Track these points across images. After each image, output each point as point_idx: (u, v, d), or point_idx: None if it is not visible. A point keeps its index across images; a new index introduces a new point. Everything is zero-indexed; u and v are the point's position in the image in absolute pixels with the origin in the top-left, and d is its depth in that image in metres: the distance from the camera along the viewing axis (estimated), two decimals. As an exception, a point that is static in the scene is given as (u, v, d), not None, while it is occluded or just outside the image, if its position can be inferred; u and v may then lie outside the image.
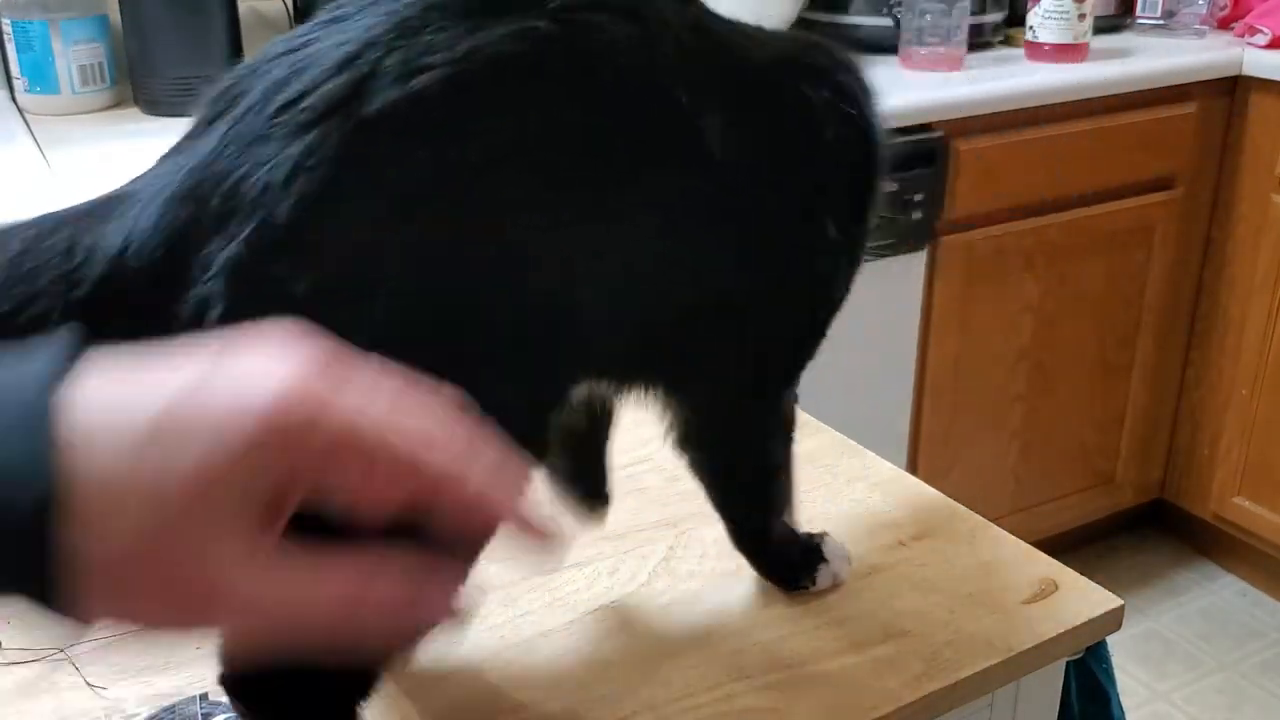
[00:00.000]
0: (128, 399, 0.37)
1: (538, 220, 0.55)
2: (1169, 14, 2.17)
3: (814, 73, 0.69)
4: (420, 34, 0.54)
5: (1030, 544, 0.84)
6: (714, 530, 0.85)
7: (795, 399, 0.76)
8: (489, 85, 0.54)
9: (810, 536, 0.78)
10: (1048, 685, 0.81)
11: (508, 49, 0.54)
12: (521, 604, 0.77)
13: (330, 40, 0.55)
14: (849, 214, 0.71)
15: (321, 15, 0.58)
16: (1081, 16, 1.93)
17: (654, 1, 0.60)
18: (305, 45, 0.55)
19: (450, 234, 0.53)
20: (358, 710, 0.58)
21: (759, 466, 0.75)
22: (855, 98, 0.72)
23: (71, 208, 0.54)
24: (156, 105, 1.63)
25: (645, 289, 0.61)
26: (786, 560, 0.78)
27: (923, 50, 1.90)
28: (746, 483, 0.76)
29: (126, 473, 0.36)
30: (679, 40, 0.61)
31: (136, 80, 1.64)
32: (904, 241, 1.81)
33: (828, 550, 0.78)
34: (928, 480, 0.93)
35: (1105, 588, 0.79)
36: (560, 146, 0.56)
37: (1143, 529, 2.46)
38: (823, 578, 0.77)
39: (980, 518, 0.87)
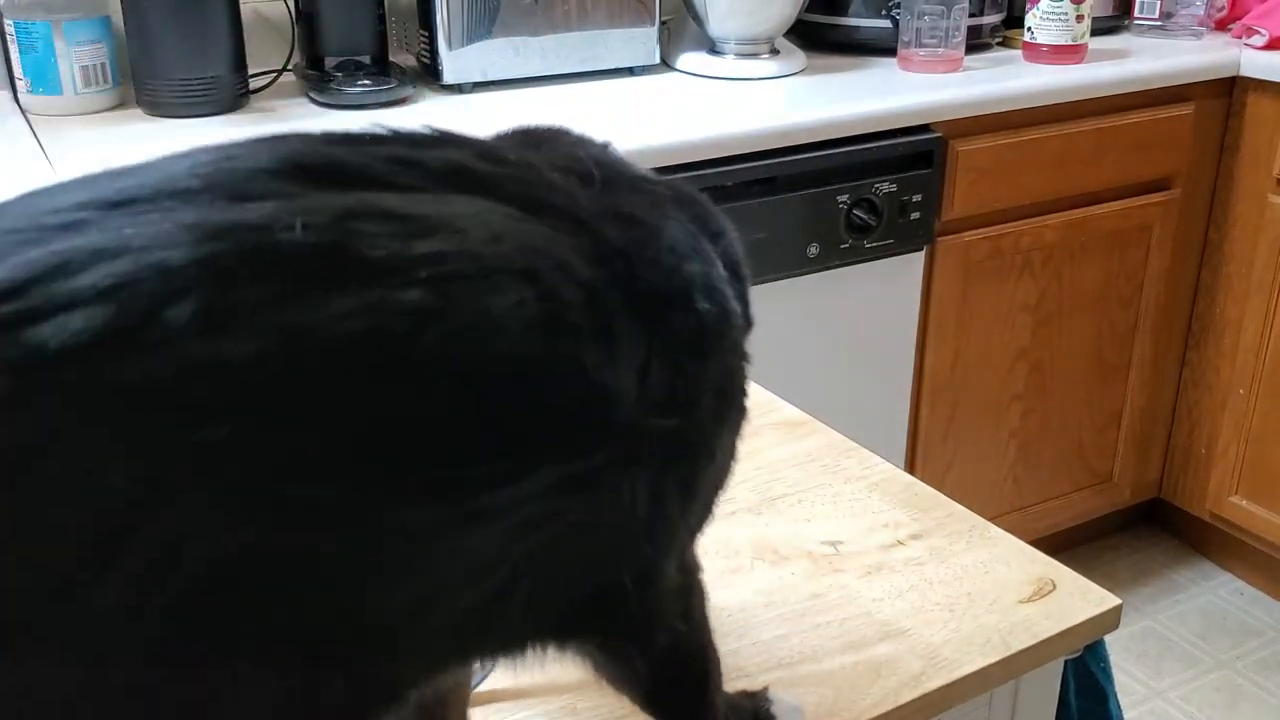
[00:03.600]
0: None
1: (373, 526, 0.43)
2: (1167, 15, 2.17)
3: (717, 278, 0.58)
4: (234, 283, 0.41)
5: (1028, 543, 0.85)
6: (713, 529, 0.86)
7: (699, 567, 0.64)
8: (323, 373, 0.41)
9: (753, 698, 0.70)
10: (1046, 684, 0.82)
11: (357, 328, 0.42)
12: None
13: (99, 237, 0.41)
14: (738, 409, 0.60)
15: (103, 182, 0.44)
16: (1079, 18, 1.94)
17: (554, 250, 0.49)
18: (63, 231, 0.41)
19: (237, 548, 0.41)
20: None
21: (694, 657, 0.64)
22: (739, 291, 0.61)
23: None
24: (159, 107, 1.64)
25: (533, 584, 0.50)
26: None
27: (921, 52, 1.91)
28: (687, 680, 0.64)
29: None
30: (590, 292, 0.49)
31: (139, 81, 1.64)
32: (902, 242, 1.81)
33: (779, 712, 0.69)
34: (926, 480, 0.94)
35: (1103, 587, 0.80)
36: (412, 454, 0.44)
37: (1140, 528, 2.47)
38: None
39: (978, 517, 0.88)
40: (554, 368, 0.47)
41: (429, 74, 1.81)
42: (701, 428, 0.56)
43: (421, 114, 1.69)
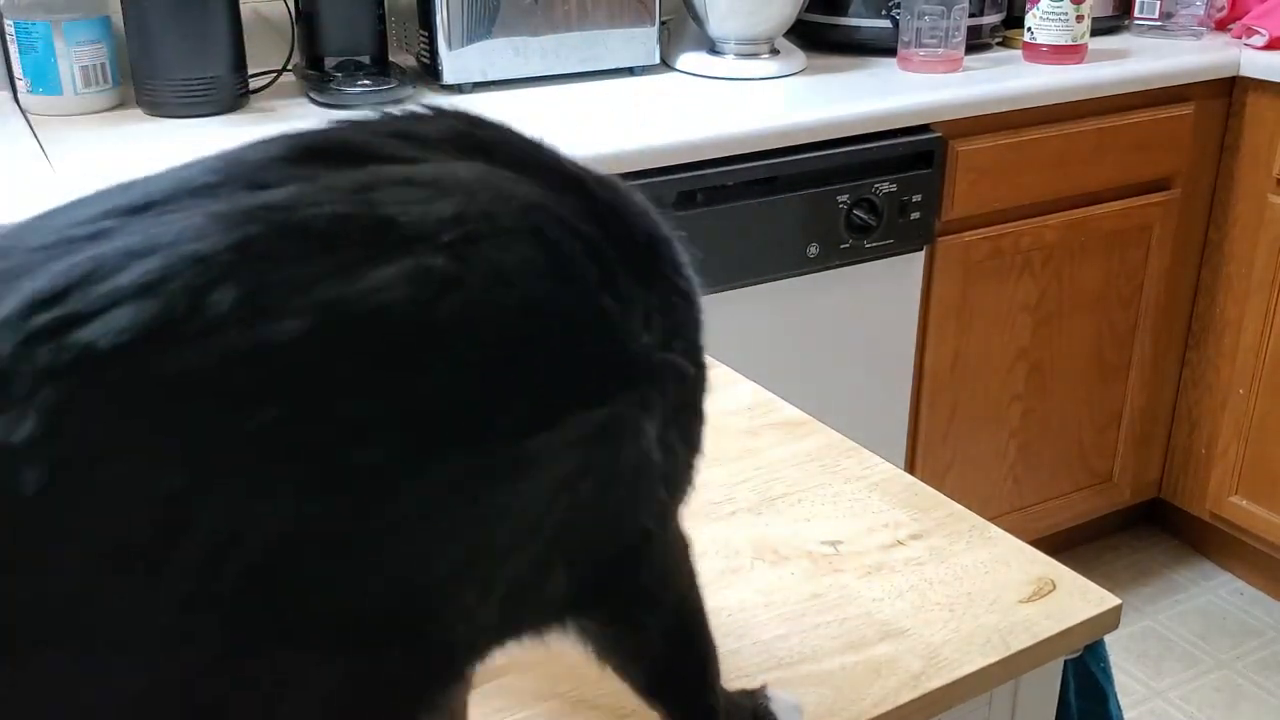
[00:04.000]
0: None
1: (417, 493, 0.44)
2: (1166, 15, 2.17)
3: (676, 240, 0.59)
4: (270, 264, 0.41)
5: (1028, 543, 0.84)
6: (713, 529, 0.86)
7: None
8: (367, 343, 0.42)
9: (751, 697, 0.69)
10: (1046, 684, 0.82)
11: (393, 298, 0.43)
12: (524, 603, 0.77)
13: (128, 239, 0.41)
14: (706, 370, 0.60)
15: (117, 194, 0.44)
16: (1079, 18, 1.94)
17: (553, 208, 0.50)
18: (92, 239, 0.41)
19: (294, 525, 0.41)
20: None
21: (697, 632, 0.64)
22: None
23: None
24: (159, 107, 1.64)
25: (566, 538, 0.51)
26: None
27: (921, 52, 1.91)
28: (689, 659, 0.64)
29: None
30: (590, 244, 0.51)
31: (139, 81, 1.64)
32: (902, 242, 1.81)
33: (778, 710, 0.68)
34: (926, 480, 0.94)
35: (1103, 587, 0.80)
36: (452, 410, 0.45)
37: (1140, 528, 2.47)
38: None
39: (978, 517, 0.88)
40: (572, 314, 0.49)
41: (429, 74, 1.81)
42: (695, 379, 0.57)
43: (421, 114, 1.69)
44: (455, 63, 1.76)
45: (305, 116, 1.66)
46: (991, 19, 2.05)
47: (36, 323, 0.39)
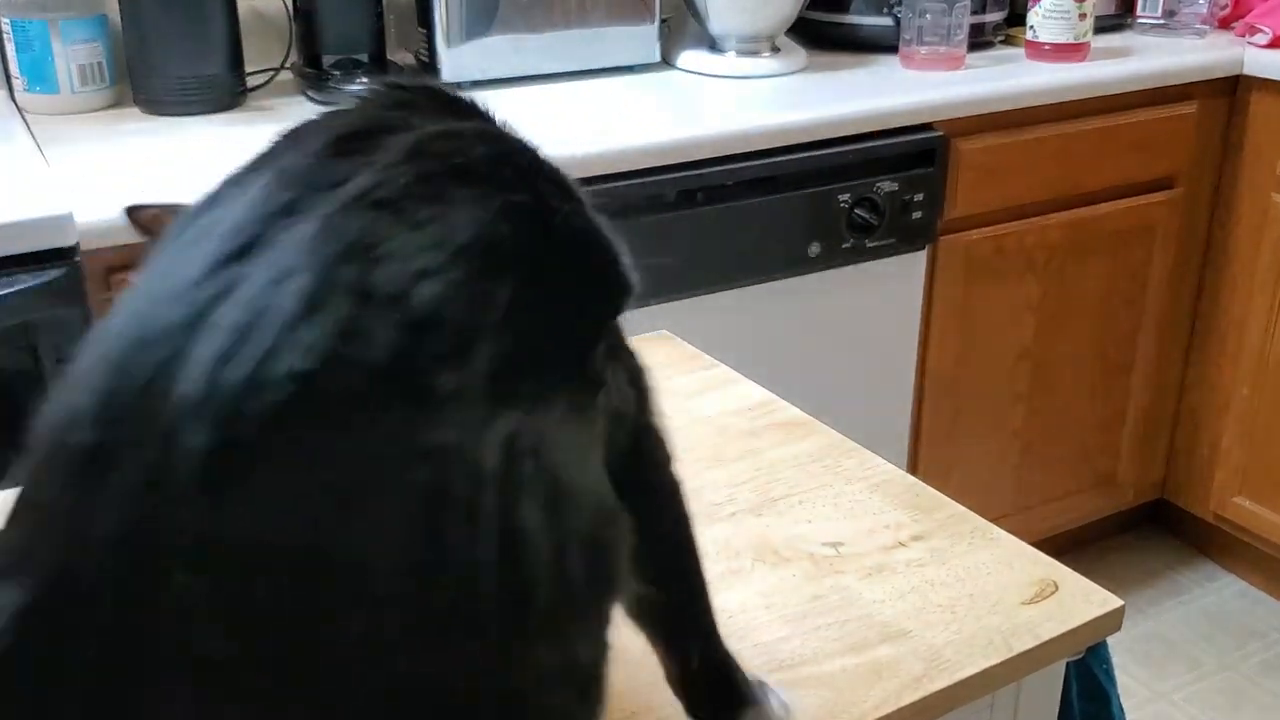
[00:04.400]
0: None
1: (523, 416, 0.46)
2: (1169, 13, 2.17)
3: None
4: (394, 239, 0.44)
5: (1031, 544, 0.84)
6: (714, 530, 0.85)
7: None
8: (501, 283, 0.46)
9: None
10: (1048, 685, 0.81)
11: (503, 232, 0.47)
12: (521, 604, 0.77)
13: (260, 276, 0.42)
14: None
15: (194, 248, 0.44)
16: (1082, 16, 1.93)
17: (533, 148, 0.55)
18: (225, 295, 0.42)
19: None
20: None
21: (685, 525, 0.65)
22: None
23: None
24: (156, 105, 1.63)
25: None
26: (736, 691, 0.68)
27: (923, 50, 1.90)
28: (687, 564, 0.65)
29: None
30: (566, 178, 0.55)
31: (136, 80, 1.64)
32: (904, 241, 1.81)
33: (775, 705, 0.68)
34: (928, 480, 0.93)
35: (1105, 588, 0.79)
36: (538, 320, 0.48)
37: (1143, 529, 2.46)
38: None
39: (980, 518, 0.87)
40: (594, 234, 0.53)
41: (427, 72, 1.80)
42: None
43: (420, 112, 1.69)
44: (454, 60, 1.75)
45: (303, 115, 1.65)
46: (994, 17, 2.04)
47: (228, 380, 0.39)
